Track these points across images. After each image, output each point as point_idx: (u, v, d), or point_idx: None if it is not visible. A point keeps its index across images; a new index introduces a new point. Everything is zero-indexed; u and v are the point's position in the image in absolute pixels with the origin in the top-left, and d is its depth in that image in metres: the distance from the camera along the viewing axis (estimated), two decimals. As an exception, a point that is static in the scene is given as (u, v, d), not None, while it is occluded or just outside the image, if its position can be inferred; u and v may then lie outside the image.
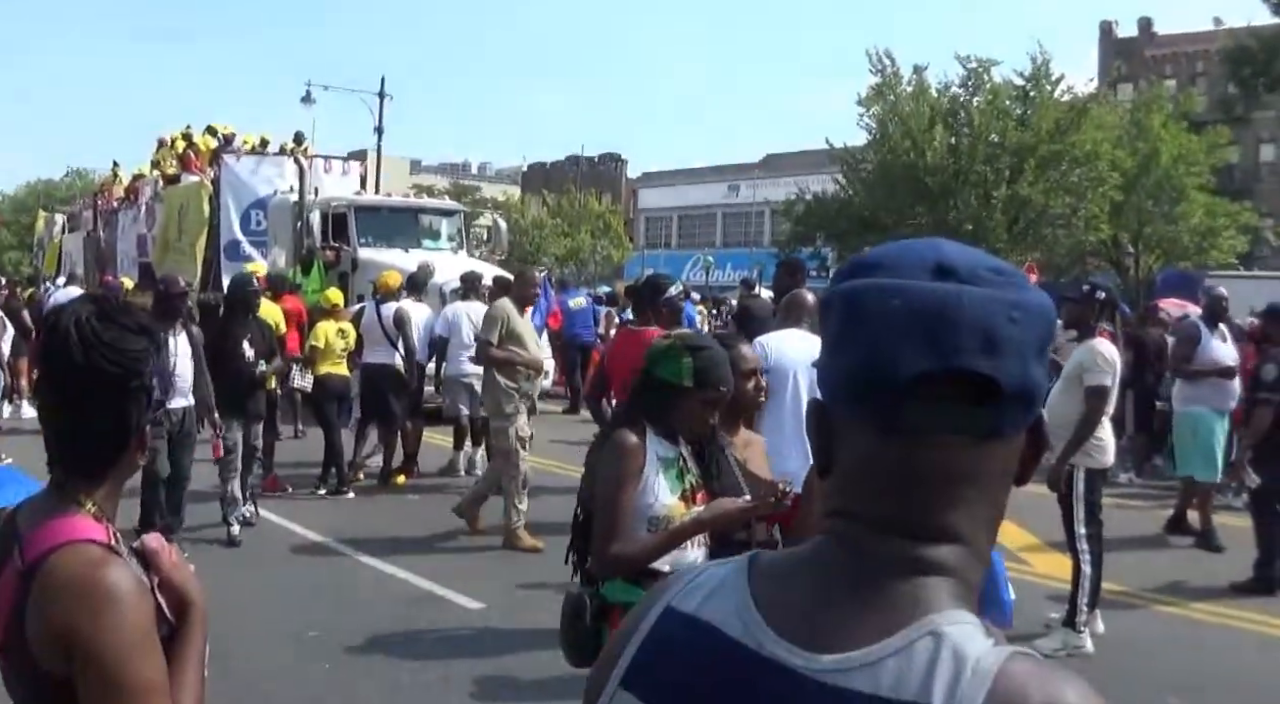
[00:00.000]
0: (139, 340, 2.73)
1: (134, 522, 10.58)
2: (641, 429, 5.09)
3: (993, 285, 1.43)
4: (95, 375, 2.67)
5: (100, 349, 2.66)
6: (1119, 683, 8.15)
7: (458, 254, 25.38)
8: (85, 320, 2.68)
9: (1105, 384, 9.39)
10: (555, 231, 79.32)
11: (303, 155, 28.48)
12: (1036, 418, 1.48)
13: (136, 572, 2.70)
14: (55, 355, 2.69)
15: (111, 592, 2.55)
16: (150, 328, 2.79)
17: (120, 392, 2.70)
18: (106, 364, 2.66)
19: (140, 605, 2.60)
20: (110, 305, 2.78)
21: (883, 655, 1.35)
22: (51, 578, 2.56)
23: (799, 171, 60.80)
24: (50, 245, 41.69)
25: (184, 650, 2.78)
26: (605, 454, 5.14)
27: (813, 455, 1.57)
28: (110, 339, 2.67)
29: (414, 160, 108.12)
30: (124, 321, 2.73)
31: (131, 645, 2.55)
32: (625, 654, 1.56)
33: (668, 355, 5.11)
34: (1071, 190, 41.87)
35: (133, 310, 2.81)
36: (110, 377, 2.67)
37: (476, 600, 10.37)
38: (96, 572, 2.57)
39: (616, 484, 4.97)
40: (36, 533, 2.65)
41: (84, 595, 2.54)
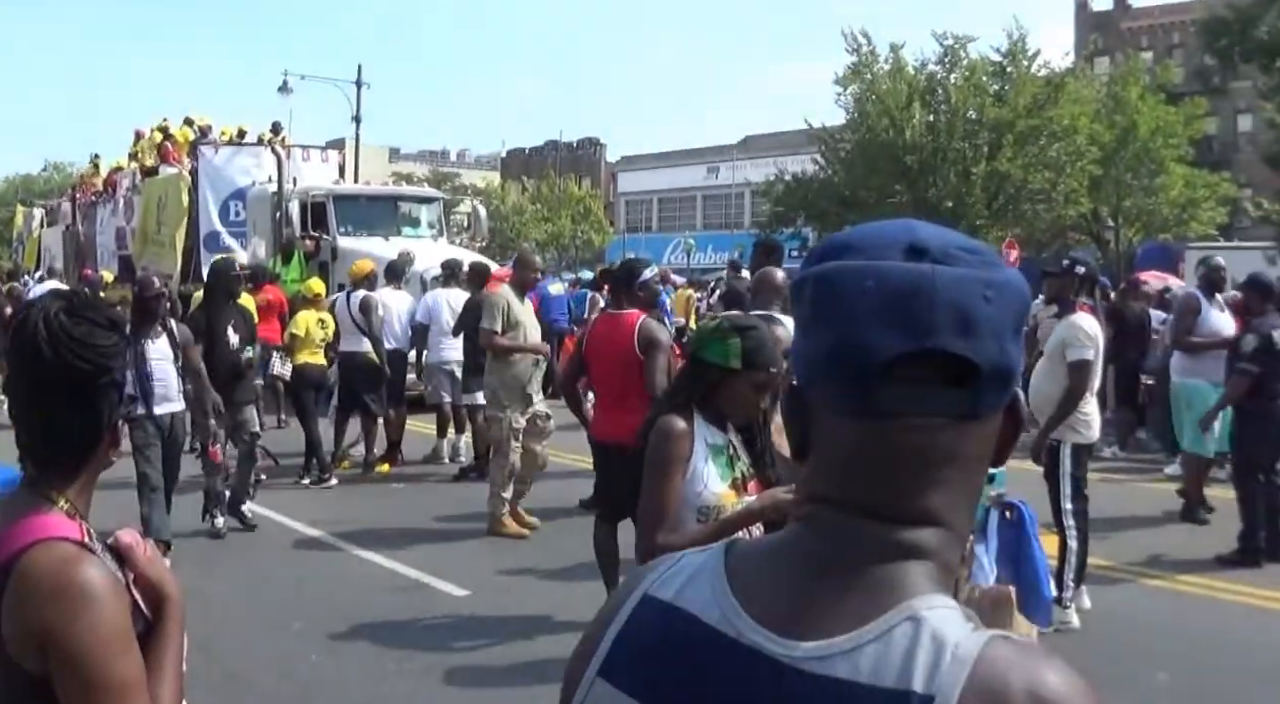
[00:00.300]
0: (108, 335, 2.71)
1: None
2: (689, 414, 4.96)
3: (966, 265, 1.42)
4: (64, 371, 2.66)
5: (69, 345, 2.65)
6: (1107, 658, 8.18)
7: (438, 241, 25.44)
8: (54, 316, 2.67)
9: (1087, 358, 9.38)
10: (535, 217, 79.40)
11: (280, 145, 28.46)
12: (1013, 397, 1.47)
13: (111, 568, 2.69)
14: (24, 351, 2.68)
15: (86, 589, 2.55)
16: (120, 322, 2.78)
17: (90, 387, 2.69)
18: (75, 360, 2.65)
19: (115, 602, 2.60)
20: (79, 301, 2.77)
21: (862, 642, 1.34)
22: (25, 577, 2.55)
23: (778, 152, 60.72)
24: (29, 240, 41.62)
25: (161, 646, 2.77)
26: (651, 440, 5.00)
27: (788, 440, 1.56)
28: (79, 335, 2.66)
29: (393, 148, 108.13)
30: (93, 317, 2.71)
31: (108, 643, 2.54)
32: (603, 643, 1.54)
33: (715, 337, 4.98)
34: (1050, 165, 41.95)
35: (101, 306, 2.80)
36: (80, 372, 2.66)
37: (462, 587, 10.36)
38: (70, 569, 2.56)
39: (663, 471, 4.86)
40: (9, 532, 2.63)
41: (58, 594, 2.53)
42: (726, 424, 5.07)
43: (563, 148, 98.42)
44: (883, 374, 1.38)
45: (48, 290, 3.78)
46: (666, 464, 4.85)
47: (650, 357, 9.15)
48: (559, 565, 10.89)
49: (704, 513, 4.85)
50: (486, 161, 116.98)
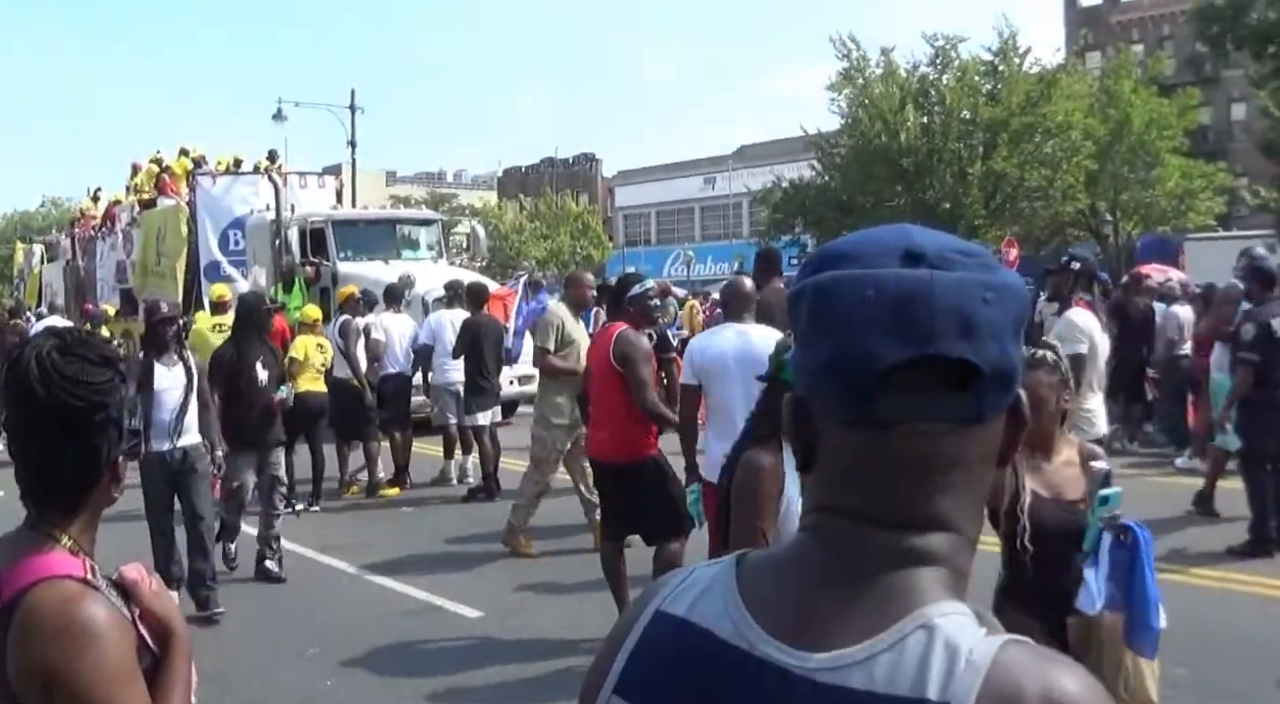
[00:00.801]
0: (102, 372, 2.71)
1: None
2: (776, 445, 4.60)
3: (964, 268, 1.41)
4: (58, 409, 2.65)
5: (61, 383, 2.65)
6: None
7: (438, 263, 25.51)
8: (46, 354, 2.67)
9: (1080, 352, 9.34)
10: (534, 235, 79.47)
11: (277, 173, 28.52)
12: (1015, 398, 1.46)
13: (116, 604, 2.69)
14: (18, 390, 2.68)
15: (89, 626, 2.55)
16: (114, 359, 2.77)
17: (86, 425, 2.69)
18: (69, 397, 2.65)
19: (119, 639, 2.60)
20: (72, 338, 2.76)
21: (875, 651, 1.33)
22: (28, 615, 2.56)
23: (774, 160, 60.75)
24: (30, 277, 41.61)
25: (168, 680, 2.77)
26: (738, 478, 4.68)
27: (793, 452, 1.55)
28: (72, 372, 2.66)
29: (389, 171, 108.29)
30: (85, 354, 2.71)
31: (112, 680, 2.54)
32: (617, 661, 1.54)
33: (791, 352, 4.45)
34: (1046, 162, 41.96)
35: (95, 343, 2.80)
36: (73, 410, 2.66)
37: (475, 609, 10.35)
38: (73, 607, 2.56)
39: (755, 512, 4.52)
40: (12, 570, 2.64)
41: (61, 632, 2.53)
42: None
43: (559, 165, 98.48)
44: (883, 382, 1.37)
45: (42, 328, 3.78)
46: (757, 503, 4.52)
47: (629, 370, 9.00)
48: (571, 584, 10.88)
49: None
50: (483, 181, 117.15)
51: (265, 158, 32.00)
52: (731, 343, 8.03)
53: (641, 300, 9.60)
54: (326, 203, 28.86)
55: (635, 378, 8.96)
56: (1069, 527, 5.04)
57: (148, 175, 33.28)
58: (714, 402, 8.12)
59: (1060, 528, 5.04)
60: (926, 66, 44.80)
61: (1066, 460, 5.23)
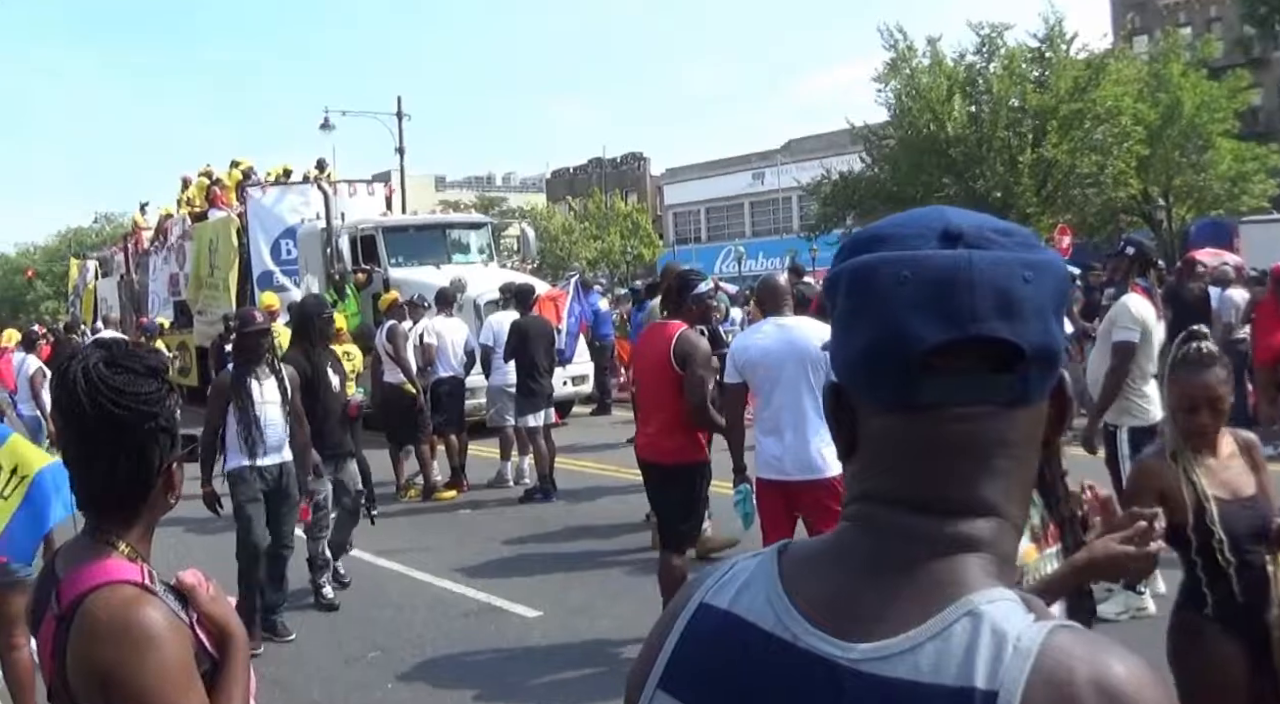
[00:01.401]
0: (148, 382, 2.74)
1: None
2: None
3: (1002, 247, 1.39)
4: (105, 421, 2.69)
5: (108, 394, 2.68)
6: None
7: (489, 266, 25.56)
8: (92, 367, 2.71)
9: (1131, 340, 9.25)
10: (584, 235, 79.49)
11: (326, 181, 28.63)
12: (1060, 379, 1.44)
13: (174, 609, 2.72)
14: (65, 403, 2.72)
15: (147, 630, 2.58)
16: (160, 370, 2.81)
17: (135, 435, 2.72)
18: (115, 409, 2.68)
19: (176, 642, 2.63)
20: (119, 350, 2.80)
21: (920, 640, 1.32)
22: (87, 620, 2.60)
23: (822, 154, 60.55)
24: (85, 292, 41.90)
25: (227, 684, 2.81)
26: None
27: (833, 440, 1.53)
28: (117, 384, 2.70)
29: (439, 176, 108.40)
30: (131, 366, 2.74)
31: (170, 683, 2.58)
32: (661, 655, 1.53)
33: None
34: (1097, 148, 41.62)
35: (141, 354, 2.84)
36: (121, 421, 2.69)
37: (533, 610, 10.38)
38: (131, 611, 2.60)
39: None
40: (72, 577, 2.69)
41: (120, 636, 2.57)
42: None
43: (606, 165, 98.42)
44: (926, 365, 1.35)
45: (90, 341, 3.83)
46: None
47: (689, 371, 8.77)
48: (628, 584, 10.88)
49: None
50: (531, 184, 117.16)
51: (314, 167, 32.17)
52: (772, 338, 7.95)
53: (705, 299, 9.55)
54: (376, 209, 29.03)
55: (694, 380, 8.76)
56: (1257, 526, 4.77)
57: (198, 188, 33.55)
58: (760, 399, 8.06)
59: (1250, 529, 4.77)
60: (973, 55, 44.56)
61: (1230, 454, 4.97)
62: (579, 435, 20.64)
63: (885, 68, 45.25)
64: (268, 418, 9.82)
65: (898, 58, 44.82)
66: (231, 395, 9.85)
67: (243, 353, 10.06)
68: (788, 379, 7.79)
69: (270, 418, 9.83)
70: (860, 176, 47.99)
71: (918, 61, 44.70)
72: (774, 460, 7.87)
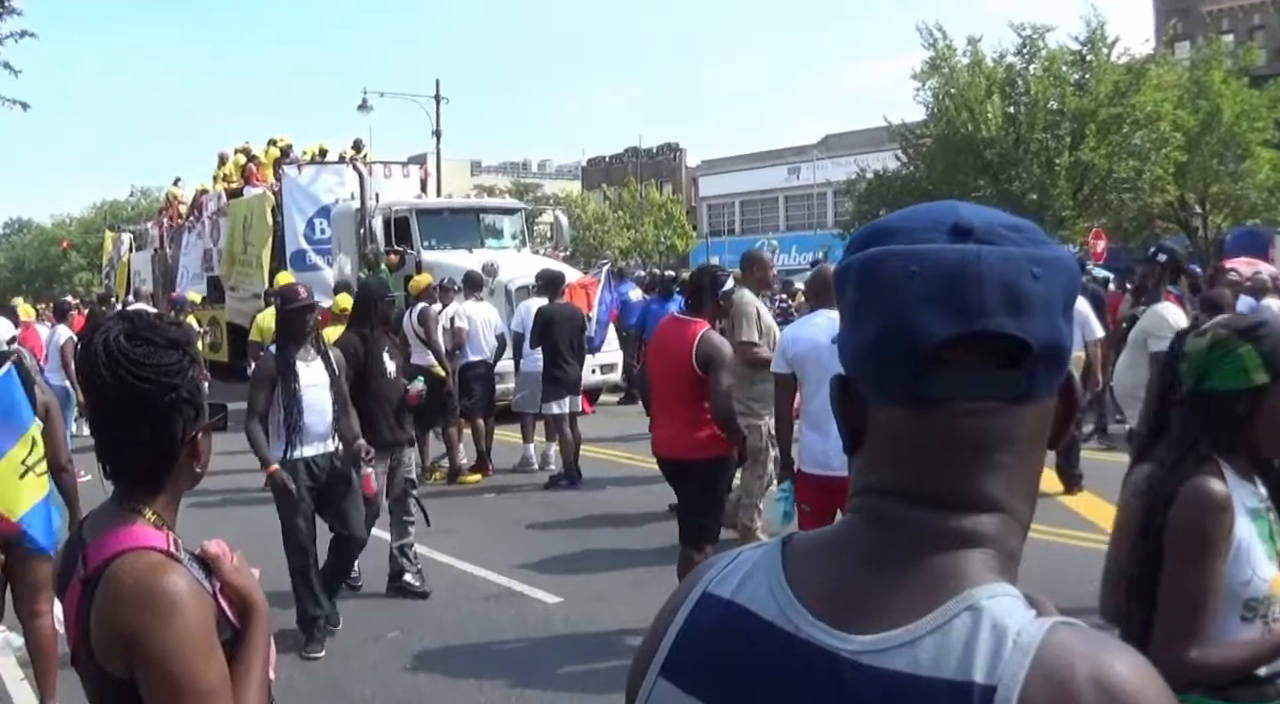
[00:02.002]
0: (169, 354, 2.77)
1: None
2: (1217, 470, 3.53)
3: (1012, 243, 1.40)
4: (126, 392, 2.73)
5: (128, 366, 2.71)
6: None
7: (521, 252, 25.57)
8: (113, 339, 2.74)
9: None
10: (618, 224, 79.38)
11: (362, 162, 28.69)
12: (1067, 377, 1.45)
13: (198, 577, 2.76)
14: (88, 375, 2.76)
15: (170, 596, 2.62)
16: (182, 341, 2.84)
17: (157, 406, 2.76)
18: (135, 381, 2.72)
19: (199, 609, 2.67)
20: (140, 322, 2.83)
21: (920, 633, 1.33)
22: (112, 584, 2.64)
23: (859, 150, 60.31)
24: (120, 265, 42.01)
25: (248, 653, 2.85)
26: (1186, 516, 3.44)
27: (839, 432, 1.55)
28: (137, 356, 2.73)
29: (474, 161, 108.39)
30: (152, 337, 2.78)
31: (192, 649, 2.61)
32: (663, 643, 1.55)
33: (1219, 356, 3.50)
34: (1134, 153, 41.34)
35: (162, 326, 2.86)
36: (142, 392, 2.73)
37: (554, 595, 10.40)
38: (156, 577, 2.64)
39: (1204, 554, 3.39)
40: (99, 542, 2.73)
41: (144, 600, 2.61)
42: (1253, 473, 3.60)
43: (643, 154, 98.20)
44: (933, 359, 1.36)
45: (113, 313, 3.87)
46: (1208, 545, 3.40)
47: (714, 376, 8.60)
48: (650, 571, 10.89)
49: (1253, 607, 3.43)
50: (567, 171, 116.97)
51: (351, 147, 32.22)
52: (825, 331, 7.79)
53: (730, 297, 9.43)
54: (411, 192, 29.06)
55: (721, 391, 8.64)
56: None
57: (235, 165, 33.65)
58: (808, 392, 8.02)
59: None
60: (1013, 56, 44.28)
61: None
62: (606, 423, 20.63)
63: (924, 66, 45.07)
64: (313, 403, 9.13)
65: (937, 56, 44.64)
66: (277, 379, 9.12)
67: (286, 331, 9.32)
68: (834, 371, 7.74)
69: (316, 403, 9.13)
70: (895, 175, 47.83)
71: (957, 61, 44.52)
72: (819, 456, 7.83)
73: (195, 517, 3.09)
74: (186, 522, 2.98)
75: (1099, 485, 12.46)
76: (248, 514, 12.51)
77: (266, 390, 9.17)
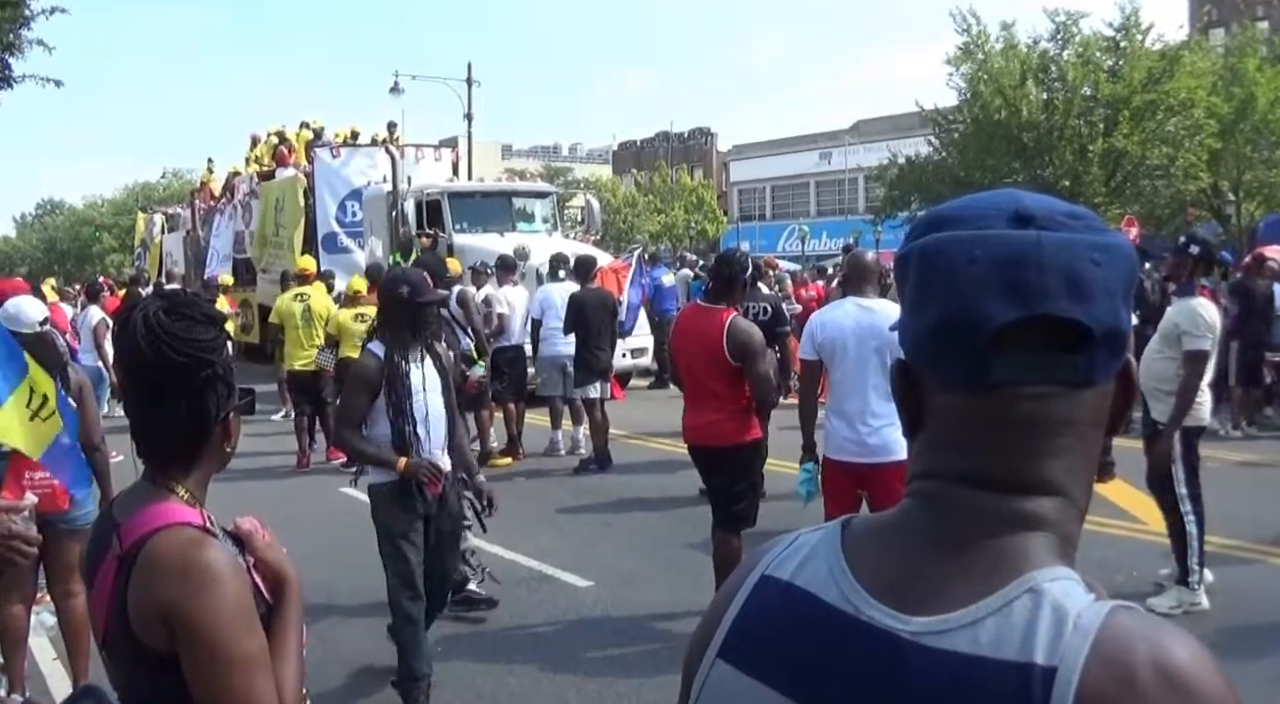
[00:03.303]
0: (207, 330, 2.81)
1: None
2: None
3: (1071, 230, 1.40)
4: (165, 367, 2.75)
5: (167, 341, 2.74)
6: (1235, 638, 8.06)
7: (552, 236, 25.59)
8: (153, 315, 2.76)
9: (1205, 348, 9.12)
10: (648, 208, 79.34)
11: (394, 145, 28.75)
12: (1125, 363, 1.45)
13: (232, 552, 2.78)
14: (126, 350, 2.79)
15: (210, 569, 2.65)
16: (218, 319, 2.87)
17: (193, 382, 2.79)
18: (174, 355, 2.74)
19: (237, 582, 2.71)
20: (178, 299, 2.86)
21: (981, 615, 1.33)
22: (151, 560, 2.66)
23: (890, 136, 60.22)
24: (152, 246, 42.20)
25: (283, 627, 2.89)
26: None
27: (900, 417, 1.55)
28: (177, 331, 2.75)
29: (505, 145, 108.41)
30: (191, 313, 2.81)
31: (232, 620, 2.64)
32: (722, 625, 1.55)
33: None
34: (1168, 140, 41.16)
35: (199, 302, 2.89)
36: (179, 367, 2.76)
37: (585, 579, 10.43)
38: (194, 551, 2.67)
39: None
40: (133, 520, 2.75)
41: (184, 574, 2.63)
42: None
43: (673, 139, 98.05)
44: (995, 344, 1.36)
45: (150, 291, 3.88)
46: None
47: (749, 365, 8.58)
48: (680, 555, 10.90)
49: None
50: (598, 155, 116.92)
51: (384, 130, 32.29)
52: (853, 317, 7.89)
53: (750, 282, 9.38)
54: (443, 175, 29.15)
55: (760, 378, 8.65)
56: None
57: (267, 147, 33.75)
58: (836, 378, 8.02)
59: None
60: (1047, 42, 44.13)
61: None
62: (636, 408, 20.65)
63: (958, 51, 44.93)
64: (429, 411, 7.43)
65: (970, 42, 44.50)
66: (385, 386, 7.36)
67: (411, 328, 7.49)
68: (863, 361, 7.76)
69: (431, 411, 7.45)
70: (927, 160, 47.73)
71: (991, 46, 44.37)
72: (845, 442, 7.86)
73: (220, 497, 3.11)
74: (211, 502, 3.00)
75: (1130, 474, 12.44)
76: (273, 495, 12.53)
77: (367, 397, 7.39)
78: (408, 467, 7.26)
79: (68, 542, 7.04)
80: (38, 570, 7.44)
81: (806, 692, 1.44)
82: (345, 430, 7.54)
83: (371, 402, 7.37)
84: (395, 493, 7.36)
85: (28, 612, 7.67)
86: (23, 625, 7.59)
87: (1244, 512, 11.54)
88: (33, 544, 4.18)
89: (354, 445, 7.55)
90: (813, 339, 8.17)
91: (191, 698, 2.65)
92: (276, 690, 2.72)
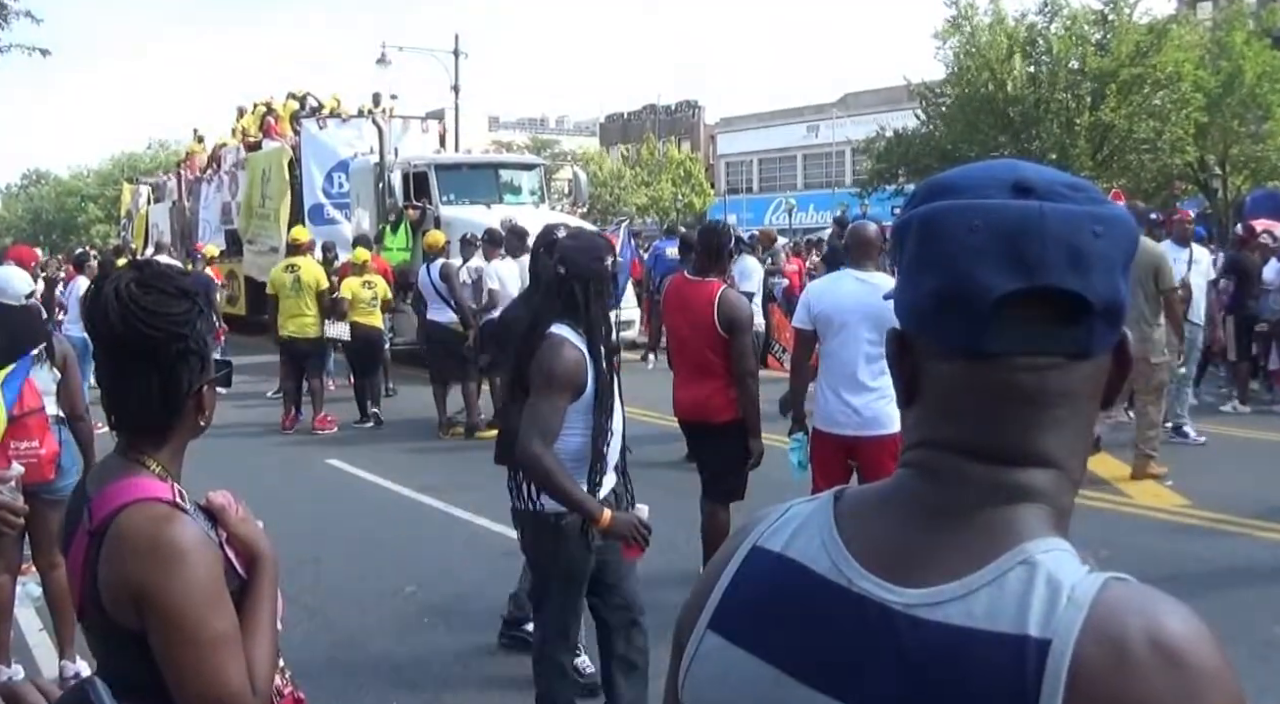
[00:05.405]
0: (179, 303, 2.78)
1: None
2: None
3: (1072, 201, 1.39)
4: (136, 340, 2.73)
5: (139, 314, 2.72)
6: (1222, 610, 8.07)
7: (539, 208, 25.50)
8: (124, 287, 2.75)
9: None
10: (635, 181, 79.27)
11: (381, 117, 28.67)
12: (1121, 337, 1.44)
13: (204, 527, 2.78)
14: (98, 323, 2.77)
15: (178, 546, 2.65)
16: (191, 291, 2.85)
17: (165, 355, 2.77)
18: (145, 328, 2.72)
19: (207, 559, 2.70)
20: (150, 271, 2.83)
21: (975, 586, 1.32)
22: (120, 536, 2.66)
23: (878, 109, 60.36)
24: (137, 217, 42.08)
25: (255, 602, 2.88)
26: None
27: (894, 386, 1.54)
28: (148, 304, 2.73)
29: (492, 117, 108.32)
30: (162, 286, 2.78)
31: (201, 598, 2.64)
32: (713, 596, 1.54)
33: None
34: (1155, 114, 41.24)
35: (172, 275, 2.86)
36: (151, 340, 2.74)
37: (572, 551, 10.38)
38: (163, 528, 2.66)
39: None
40: (103, 494, 2.74)
41: (151, 551, 2.63)
42: None
43: (661, 111, 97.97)
44: (993, 314, 1.35)
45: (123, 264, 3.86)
46: None
47: (737, 337, 8.56)
48: (669, 526, 10.88)
49: None
50: (585, 128, 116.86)
51: (370, 102, 32.21)
52: (852, 291, 7.85)
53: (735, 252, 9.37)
54: (429, 147, 29.13)
55: (743, 347, 8.62)
56: None
57: (254, 118, 33.62)
58: (829, 350, 7.99)
59: None
60: (1035, 15, 44.23)
61: None
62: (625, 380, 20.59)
63: (945, 25, 44.92)
64: (620, 424, 6.33)
65: (958, 15, 44.49)
66: (597, 393, 5.94)
67: (605, 313, 6.20)
68: (857, 333, 7.73)
69: (619, 423, 6.28)
70: (914, 133, 47.75)
71: (978, 19, 44.36)
72: (836, 414, 7.86)
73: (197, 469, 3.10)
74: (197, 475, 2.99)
75: (1112, 446, 12.49)
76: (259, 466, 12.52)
77: (567, 400, 5.80)
78: (613, 523, 5.79)
79: (52, 512, 7.02)
80: (22, 541, 7.43)
81: (798, 663, 1.43)
82: (538, 445, 5.67)
83: (565, 408, 5.78)
84: (584, 528, 5.88)
85: (12, 582, 7.66)
86: (8, 596, 7.58)
87: (1230, 486, 11.58)
88: (19, 514, 4.16)
89: (546, 468, 5.68)
90: (809, 309, 8.13)
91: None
92: (248, 669, 2.71)
